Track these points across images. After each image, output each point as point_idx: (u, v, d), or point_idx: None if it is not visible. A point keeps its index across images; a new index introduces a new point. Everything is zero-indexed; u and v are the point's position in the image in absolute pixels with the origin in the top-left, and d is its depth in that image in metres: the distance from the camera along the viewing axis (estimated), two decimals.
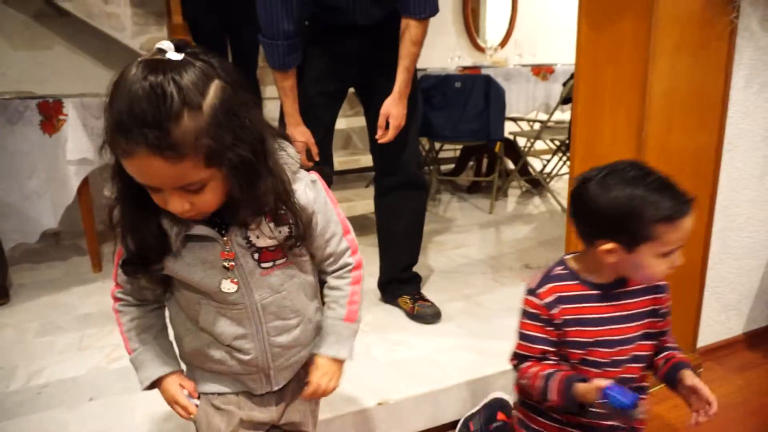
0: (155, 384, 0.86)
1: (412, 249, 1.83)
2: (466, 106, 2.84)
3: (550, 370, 0.93)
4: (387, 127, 1.59)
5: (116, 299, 0.86)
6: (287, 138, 0.82)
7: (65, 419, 1.26)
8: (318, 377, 0.86)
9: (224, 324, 0.81)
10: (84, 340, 1.66)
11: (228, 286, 0.78)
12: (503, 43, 4.47)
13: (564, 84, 3.13)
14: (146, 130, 0.61)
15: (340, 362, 0.87)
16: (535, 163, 3.77)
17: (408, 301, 1.75)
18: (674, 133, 1.39)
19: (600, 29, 1.44)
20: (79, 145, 2.03)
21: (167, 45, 0.66)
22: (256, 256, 0.78)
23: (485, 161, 3.72)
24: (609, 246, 0.89)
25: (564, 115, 3.24)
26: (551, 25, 4.43)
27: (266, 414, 0.89)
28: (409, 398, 1.31)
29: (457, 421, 1.39)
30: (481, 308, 1.78)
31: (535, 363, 0.97)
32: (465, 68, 3.38)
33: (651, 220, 0.86)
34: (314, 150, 1.60)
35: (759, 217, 1.68)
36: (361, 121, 3.13)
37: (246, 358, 0.82)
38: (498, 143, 3.04)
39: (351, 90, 1.77)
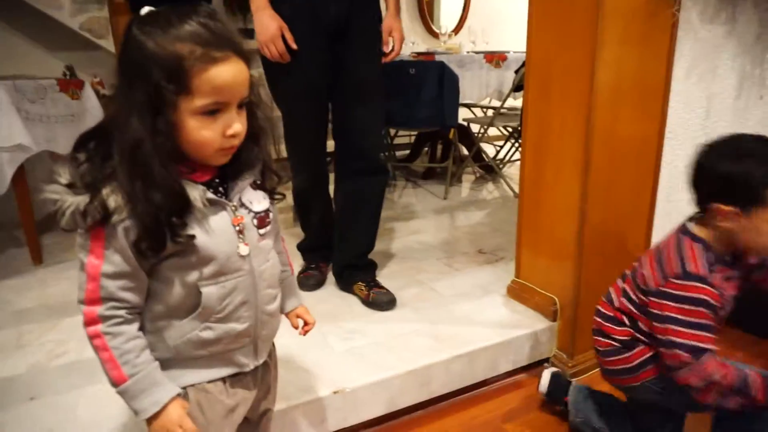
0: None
1: (370, 235, 1.84)
2: (421, 93, 2.84)
3: (741, 367, 0.99)
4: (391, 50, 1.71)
5: (101, 320, 0.73)
6: None
7: (1, 421, 1.20)
8: (311, 317, 1.01)
9: (228, 295, 0.79)
10: (23, 337, 1.58)
11: (244, 249, 0.79)
12: (457, 30, 4.49)
13: (516, 71, 3.17)
14: (231, 37, 0.70)
15: None
16: (489, 150, 3.83)
17: (363, 288, 1.75)
18: (620, 122, 1.43)
19: (550, 20, 1.46)
20: (12, 130, 1.91)
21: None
22: (255, 221, 0.81)
23: (440, 147, 3.75)
24: (728, 208, 0.99)
25: (516, 102, 3.29)
26: (504, 13, 4.48)
27: (249, 397, 0.90)
28: (364, 386, 1.32)
29: (412, 407, 1.41)
30: (435, 293, 1.80)
31: (715, 359, 0.99)
32: (419, 54, 3.37)
33: (762, 184, 0.96)
34: (289, 36, 1.53)
35: None
36: None
37: (241, 327, 0.82)
38: (452, 130, 3.06)
39: None
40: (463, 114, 3.46)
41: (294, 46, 1.54)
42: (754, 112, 1.79)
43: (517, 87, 3.00)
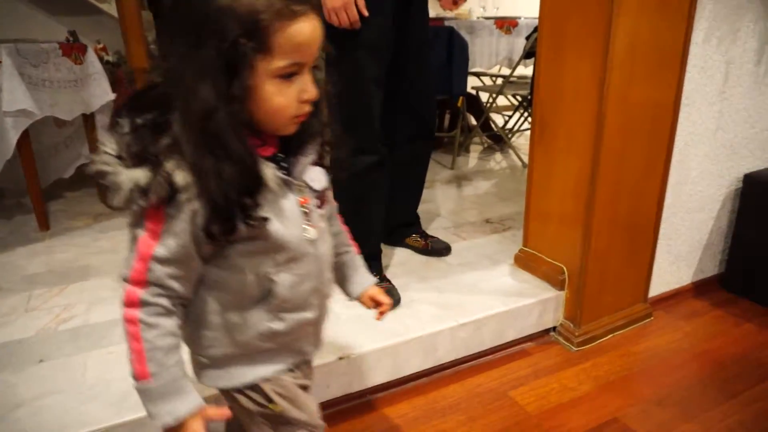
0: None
1: (421, 193, 1.91)
2: None
3: None
4: None
5: (141, 304, 0.65)
6: None
7: (12, 381, 1.21)
8: (385, 296, 0.93)
9: (300, 282, 0.73)
10: (31, 301, 1.58)
11: (311, 232, 0.73)
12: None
13: (527, 38, 3.09)
14: None
15: None
16: (498, 119, 3.76)
17: (419, 239, 1.85)
18: (635, 85, 1.39)
19: None
20: (15, 95, 1.88)
21: None
22: (317, 201, 0.75)
23: (447, 116, 3.69)
24: None
25: (527, 70, 3.22)
26: None
27: (310, 384, 0.86)
28: (370, 352, 1.32)
29: (417, 374, 1.41)
30: (442, 263, 1.79)
31: None
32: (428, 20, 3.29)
33: None
34: (361, 1, 1.37)
35: (711, 171, 1.72)
36: None
37: (312, 315, 0.77)
38: (461, 98, 3.00)
39: None
40: (472, 82, 3.39)
41: (365, 12, 1.39)
42: None
43: (528, 54, 2.92)
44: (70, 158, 2.50)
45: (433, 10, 4.20)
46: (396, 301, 1.53)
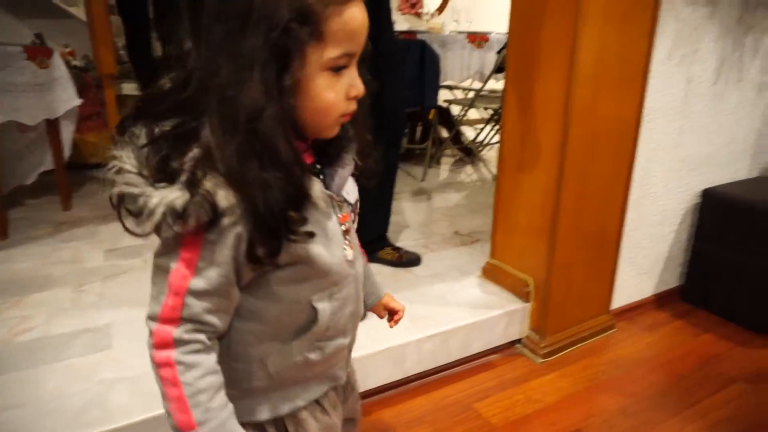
0: None
1: (391, 205, 1.92)
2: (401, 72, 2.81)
3: None
4: None
5: (176, 344, 0.56)
6: None
7: None
8: (398, 303, 0.89)
9: (340, 308, 0.67)
10: None
11: (350, 252, 0.66)
12: (441, 9, 4.43)
13: (498, 52, 3.15)
14: None
15: None
16: (469, 132, 3.81)
17: (392, 252, 1.87)
18: (600, 100, 1.42)
19: None
20: None
21: None
22: (353, 216, 0.69)
23: (419, 129, 3.72)
24: None
25: (498, 84, 3.28)
26: None
27: (340, 412, 0.78)
28: None
29: (384, 386, 1.40)
30: (410, 274, 1.79)
31: None
32: (401, 33, 3.32)
33: None
34: None
35: (672, 186, 1.77)
36: None
37: (347, 341, 0.71)
38: (432, 111, 3.03)
39: None
40: (444, 95, 3.43)
41: None
42: (731, 96, 1.80)
43: (499, 68, 2.98)
44: (33, 164, 2.43)
45: (407, 23, 4.25)
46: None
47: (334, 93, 0.56)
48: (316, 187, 0.58)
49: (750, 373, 1.54)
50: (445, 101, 3.46)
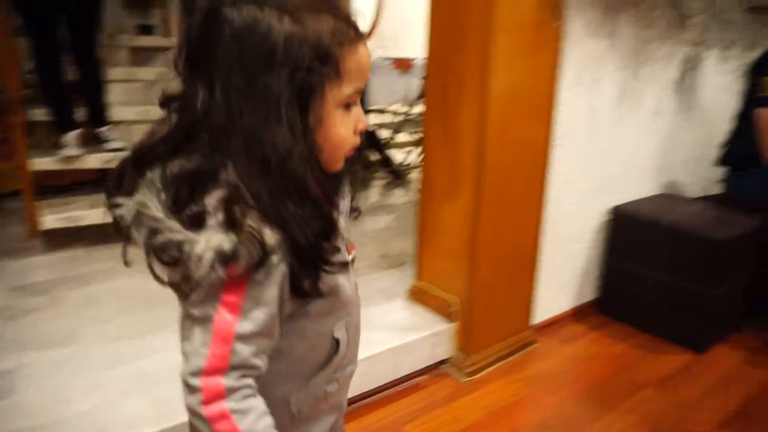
0: None
1: None
2: None
3: None
4: None
5: (228, 393, 0.53)
6: None
7: None
8: None
9: (353, 336, 0.68)
10: None
11: (353, 280, 0.67)
12: (369, 35, 4.52)
13: (423, 78, 3.24)
14: (355, 18, 0.57)
15: None
16: (399, 155, 3.87)
17: None
18: (512, 127, 1.49)
19: (446, 29, 1.50)
20: None
21: None
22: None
23: None
24: None
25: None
26: (415, 19, 4.55)
27: None
28: None
29: None
30: None
31: None
32: None
33: None
34: None
35: (584, 205, 1.88)
36: None
37: (355, 367, 0.72)
38: None
39: None
40: (373, 119, 3.47)
41: None
42: (631, 120, 1.94)
43: (422, 94, 3.06)
44: None
45: None
46: None
47: (345, 128, 0.58)
48: (341, 219, 0.59)
49: (657, 379, 1.64)
50: (374, 125, 3.51)
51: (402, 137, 3.54)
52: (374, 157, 3.59)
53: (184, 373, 0.53)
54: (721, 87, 2.28)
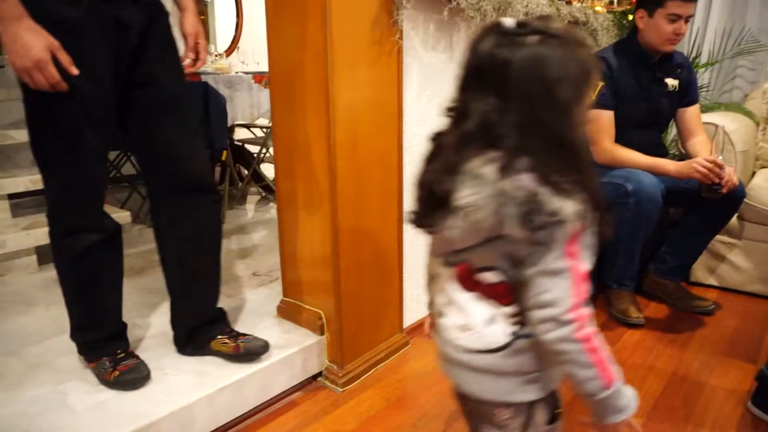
0: None
1: (219, 277, 1.56)
2: None
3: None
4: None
5: (589, 320, 0.72)
6: None
7: None
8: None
9: None
10: None
11: None
12: (230, 51, 4.42)
13: None
14: None
15: None
16: (271, 169, 3.82)
17: (228, 341, 1.50)
18: (360, 139, 1.53)
19: (286, 47, 1.51)
20: None
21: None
22: None
23: (218, 170, 3.62)
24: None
25: None
26: None
27: None
28: None
29: None
30: None
31: None
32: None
33: None
34: (64, 58, 1.13)
35: None
36: None
37: None
38: (224, 152, 2.98)
39: None
40: (241, 134, 3.40)
41: (73, 70, 1.14)
42: None
43: None
44: None
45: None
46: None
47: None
48: None
49: None
50: (240, 141, 3.43)
51: (272, 151, 3.49)
52: (245, 172, 3.52)
53: (554, 315, 0.71)
54: None
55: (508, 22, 0.71)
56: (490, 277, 0.76)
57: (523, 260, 0.72)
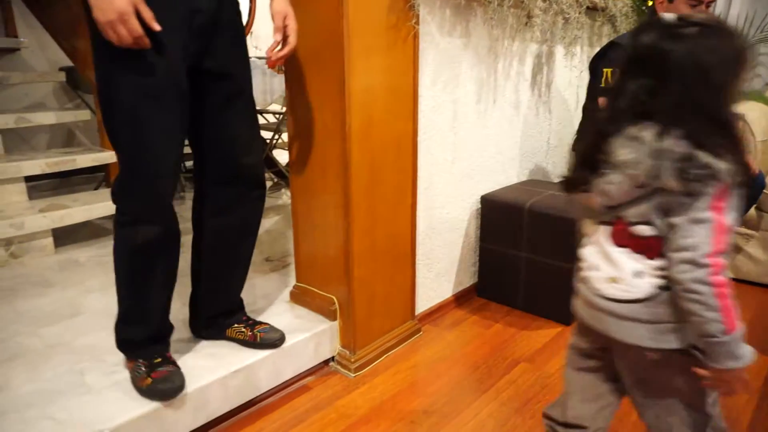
0: None
1: (247, 269, 1.56)
2: None
3: None
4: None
5: (725, 268, 0.79)
6: None
7: None
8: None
9: None
10: None
11: None
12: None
13: None
14: None
15: None
16: (284, 155, 3.82)
17: (244, 330, 1.50)
18: (375, 125, 1.52)
19: (300, 28, 1.49)
20: None
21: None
22: None
23: None
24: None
25: None
26: None
27: None
28: (129, 422, 1.20)
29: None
30: None
31: None
32: None
33: None
34: (147, 13, 1.08)
35: (455, 195, 1.97)
36: (85, 115, 2.76)
37: None
38: None
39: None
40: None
41: (155, 26, 1.10)
42: (492, 114, 2.06)
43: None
44: None
45: None
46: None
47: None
48: None
49: (528, 353, 1.77)
50: None
51: (285, 137, 3.49)
52: None
53: (693, 257, 0.78)
54: (571, 80, 2.49)
55: (669, 16, 0.81)
56: (644, 230, 0.83)
57: (675, 210, 0.79)
